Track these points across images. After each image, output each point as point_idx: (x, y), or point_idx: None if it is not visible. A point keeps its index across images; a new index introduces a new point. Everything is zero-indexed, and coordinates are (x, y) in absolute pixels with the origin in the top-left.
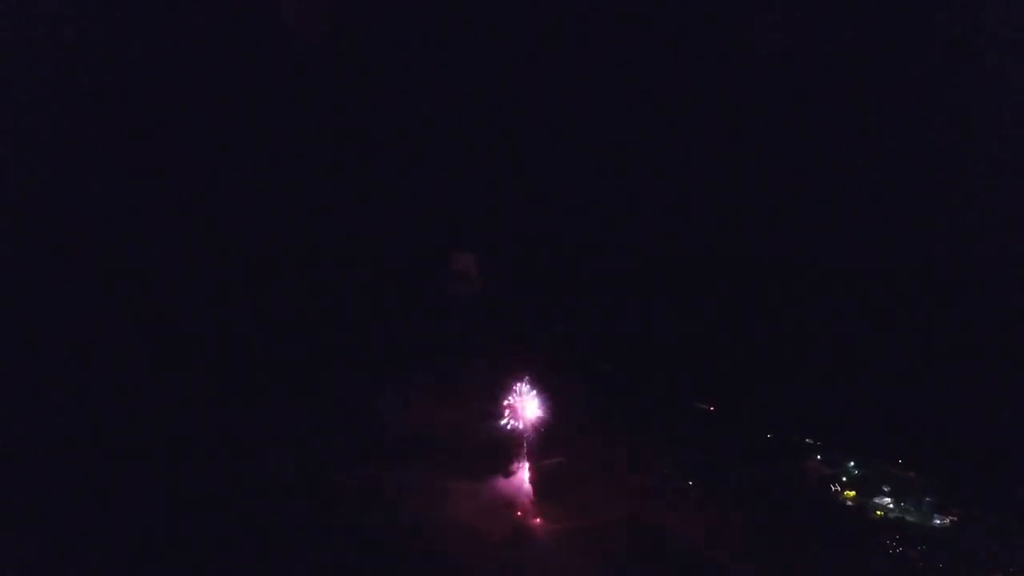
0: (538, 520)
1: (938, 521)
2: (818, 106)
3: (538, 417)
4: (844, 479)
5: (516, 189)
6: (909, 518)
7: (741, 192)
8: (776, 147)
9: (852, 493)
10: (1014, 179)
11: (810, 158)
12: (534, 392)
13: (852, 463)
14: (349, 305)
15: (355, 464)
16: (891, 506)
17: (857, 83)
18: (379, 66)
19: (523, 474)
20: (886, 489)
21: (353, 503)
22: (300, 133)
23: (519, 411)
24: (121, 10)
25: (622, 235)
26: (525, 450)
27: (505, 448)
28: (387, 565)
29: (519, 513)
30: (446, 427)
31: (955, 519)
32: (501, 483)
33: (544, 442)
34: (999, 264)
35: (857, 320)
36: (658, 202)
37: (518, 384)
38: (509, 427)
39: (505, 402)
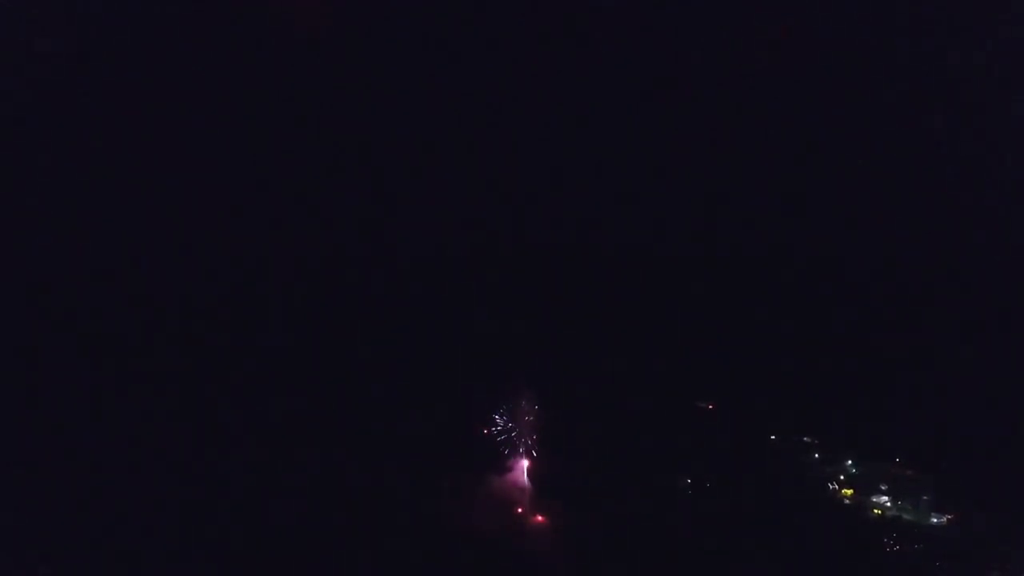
0: (538, 519)
1: (936, 520)
2: (819, 105)
3: (538, 416)
4: (841, 477)
5: (518, 188)
6: (907, 517)
7: (740, 190)
8: (776, 144)
9: (850, 491)
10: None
11: (810, 156)
12: (534, 391)
13: (850, 461)
14: (348, 305)
15: (352, 462)
16: (888, 504)
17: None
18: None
19: (523, 473)
20: (884, 487)
21: (350, 501)
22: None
23: (519, 410)
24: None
25: (622, 234)
26: (525, 449)
27: (505, 447)
28: (385, 564)
29: (519, 512)
30: (445, 426)
31: (953, 518)
32: (501, 482)
33: (544, 441)
34: (999, 263)
35: (855, 318)
36: (658, 201)
37: (518, 383)
38: (509, 426)
39: (505, 401)
